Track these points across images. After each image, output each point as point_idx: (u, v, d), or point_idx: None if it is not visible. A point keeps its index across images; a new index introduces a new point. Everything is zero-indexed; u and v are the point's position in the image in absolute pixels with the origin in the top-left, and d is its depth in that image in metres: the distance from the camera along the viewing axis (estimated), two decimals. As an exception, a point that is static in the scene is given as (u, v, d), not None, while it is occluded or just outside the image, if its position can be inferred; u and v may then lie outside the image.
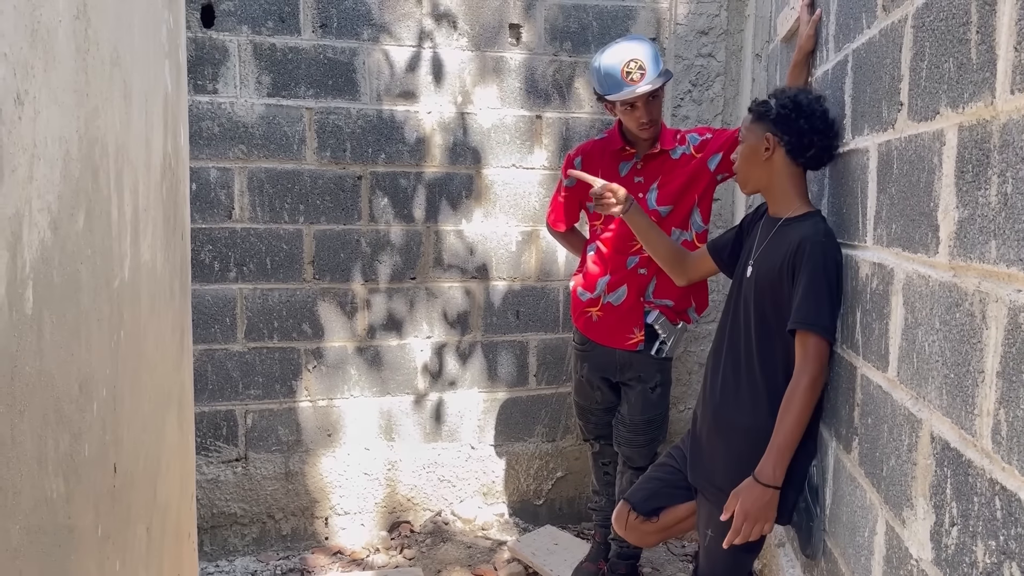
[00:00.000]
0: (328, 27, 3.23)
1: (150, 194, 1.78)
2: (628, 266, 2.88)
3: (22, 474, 1.04)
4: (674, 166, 2.84)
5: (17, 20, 1.01)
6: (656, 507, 2.31)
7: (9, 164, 0.98)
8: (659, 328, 2.87)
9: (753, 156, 2.11)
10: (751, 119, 2.12)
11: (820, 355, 1.95)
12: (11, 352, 0.99)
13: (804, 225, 2.03)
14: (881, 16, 1.70)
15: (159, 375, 1.87)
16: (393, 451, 3.47)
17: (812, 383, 1.95)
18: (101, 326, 1.37)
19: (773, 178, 2.11)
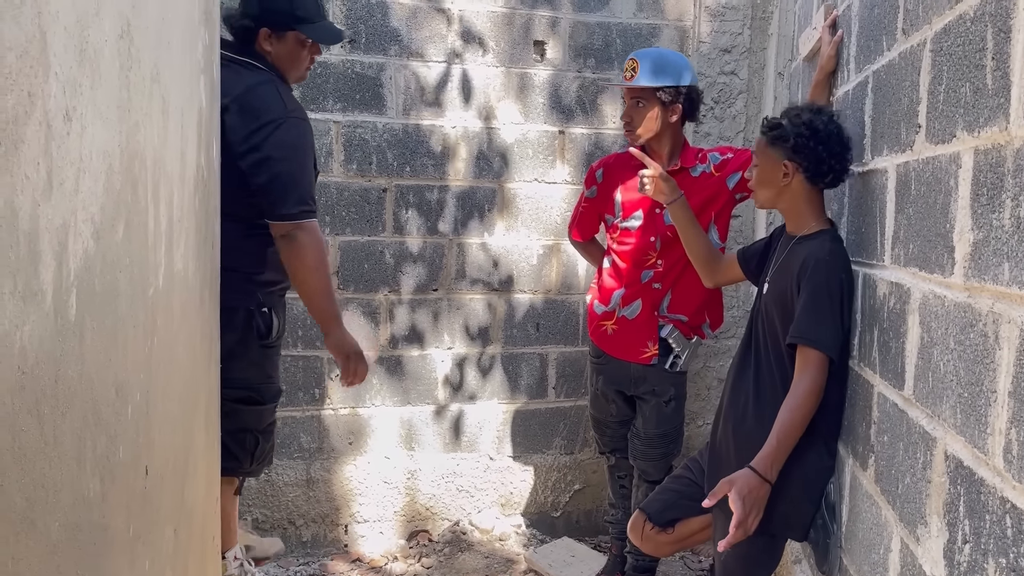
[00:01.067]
0: (356, 43, 3.30)
1: (184, 205, 1.83)
2: (643, 280, 2.91)
3: (63, 473, 1.08)
4: (693, 184, 2.86)
5: (67, 40, 1.06)
6: (672, 518, 2.33)
7: (58, 177, 1.03)
8: (673, 342, 2.90)
9: (771, 180, 2.13)
10: (766, 143, 2.12)
11: (818, 370, 1.97)
12: (56, 356, 1.04)
13: (813, 243, 2.07)
14: (901, 39, 1.72)
15: (189, 380, 1.92)
16: (413, 460, 3.51)
17: (808, 392, 1.97)
18: (137, 332, 1.43)
19: (790, 200, 2.14)
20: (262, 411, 2.57)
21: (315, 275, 2.45)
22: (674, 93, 2.80)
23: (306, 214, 2.41)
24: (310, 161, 2.47)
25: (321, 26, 2.53)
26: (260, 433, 2.56)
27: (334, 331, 2.54)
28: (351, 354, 2.57)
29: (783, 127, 2.08)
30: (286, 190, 2.39)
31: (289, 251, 2.43)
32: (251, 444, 2.55)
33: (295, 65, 2.55)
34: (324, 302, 2.50)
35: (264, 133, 2.39)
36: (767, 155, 2.13)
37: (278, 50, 2.50)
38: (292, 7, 2.47)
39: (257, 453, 2.58)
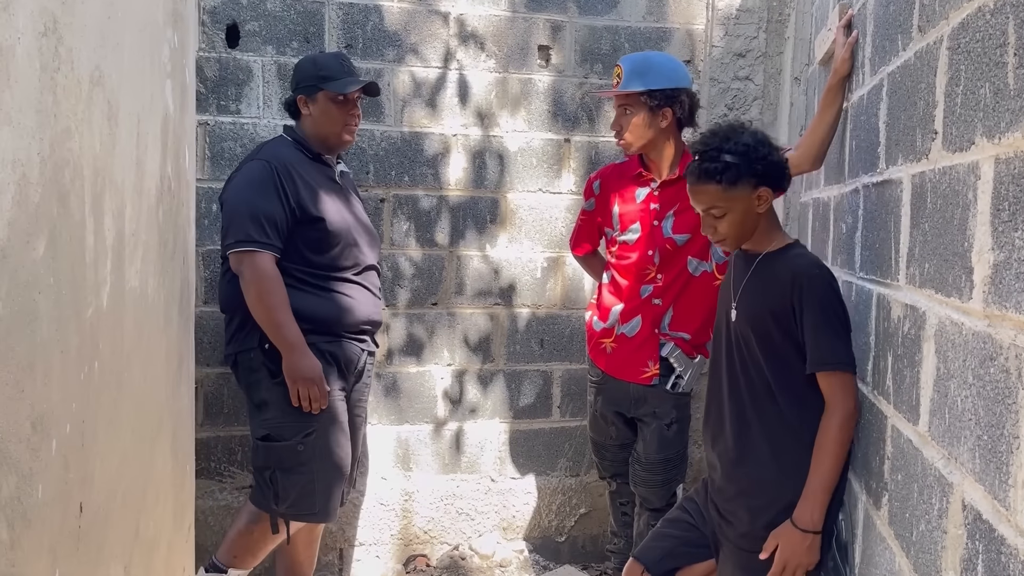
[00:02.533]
0: (353, 47, 3.18)
1: (140, 218, 1.72)
2: (642, 295, 2.77)
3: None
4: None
5: (-46, 36, 0.94)
6: (671, 567, 2.17)
7: (-63, 190, 0.91)
8: (675, 361, 2.75)
9: (748, 216, 1.96)
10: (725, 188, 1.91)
11: (849, 389, 1.86)
12: (-66, 392, 0.92)
13: (790, 259, 1.95)
14: (917, 37, 1.57)
15: (147, 405, 1.80)
16: (410, 481, 3.37)
17: (844, 421, 1.85)
18: (66, 358, 1.30)
19: (761, 222, 2.00)
20: (280, 448, 2.55)
21: (258, 307, 2.47)
22: (661, 96, 2.65)
23: (241, 244, 2.44)
24: (265, 198, 2.47)
25: (344, 80, 2.62)
26: (281, 471, 2.54)
27: (286, 358, 2.49)
28: (300, 380, 2.49)
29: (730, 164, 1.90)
30: (228, 225, 2.50)
31: (241, 286, 2.48)
32: (272, 482, 2.54)
33: (330, 123, 2.64)
34: (271, 332, 2.49)
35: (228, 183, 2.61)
36: (732, 199, 1.92)
37: (314, 112, 2.64)
38: (316, 69, 2.63)
39: (280, 492, 2.54)
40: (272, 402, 2.53)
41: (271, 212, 2.45)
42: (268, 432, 2.55)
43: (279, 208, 2.47)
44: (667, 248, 2.72)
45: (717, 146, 1.92)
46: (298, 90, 2.66)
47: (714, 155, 1.91)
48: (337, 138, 2.68)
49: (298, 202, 2.50)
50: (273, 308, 2.43)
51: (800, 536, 1.85)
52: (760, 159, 1.91)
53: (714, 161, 1.91)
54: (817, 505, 1.85)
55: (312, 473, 2.54)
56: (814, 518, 1.85)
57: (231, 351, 2.59)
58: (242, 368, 2.58)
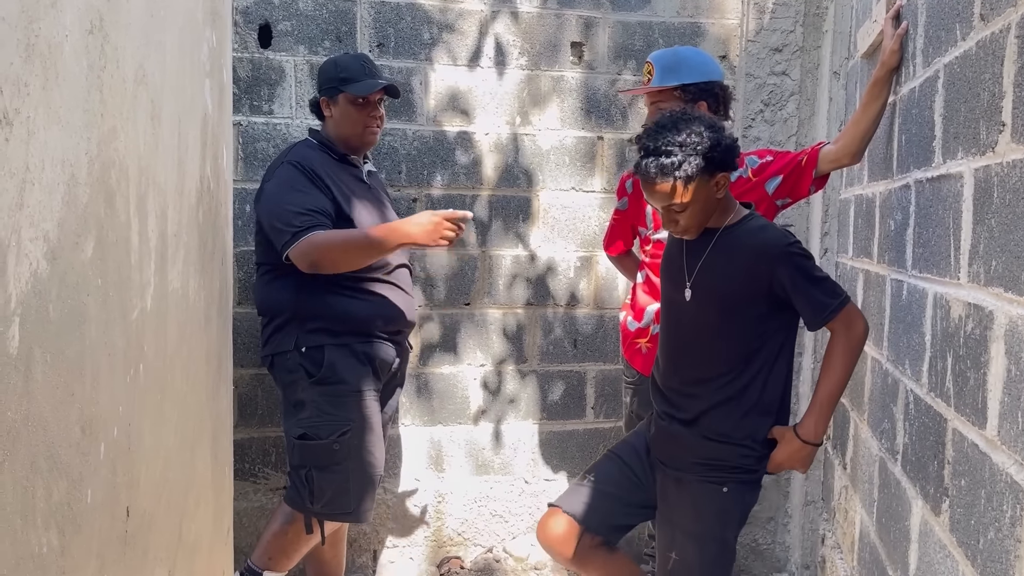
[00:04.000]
0: (385, 46, 3.16)
1: (182, 219, 1.70)
2: None
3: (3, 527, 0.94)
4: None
5: (7, 33, 0.92)
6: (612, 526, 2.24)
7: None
8: None
9: (708, 204, 2.01)
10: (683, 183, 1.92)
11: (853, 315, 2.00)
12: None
13: (751, 231, 2.04)
14: (979, 26, 1.51)
15: (189, 407, 1.78)
16: (443, 483, 3.35)
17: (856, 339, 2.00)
18: (113, 361, 1.29)
19: (718, 200, 2.04)
20: (316, 447, 2.54)
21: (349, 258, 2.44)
22: (695, 90, 2.61)
23: (296, 237, 2.39)
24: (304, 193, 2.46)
25: (363, 82, 2.60)
26: (317, 469, 2.54)
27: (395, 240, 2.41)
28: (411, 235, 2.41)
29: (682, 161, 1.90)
30: (276, 228, 2.44)
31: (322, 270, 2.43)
32: (308, 480, 2.54)
33: (351, 125, 2.64)
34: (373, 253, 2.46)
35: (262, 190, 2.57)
36: (692, 191, 1.94)
37: (335, 114, 2.64)
38: (337, 71, 2.62)
39: (315, 491, 2.53)
40: (308, 402, 2.52)
41: (313, 201, 2.43)
42: (304, 431, 2.54)
43: (320, 197, 2.46)
44: None
45: (668, 140, 1.90)
46: (321, 92, 2.66)
47: (667, 151, 1.89)
48: (359, 139, 2.67)
49: (332, 198, 2.48)
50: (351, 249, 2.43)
51: (800, 445, 2.01)
52: (713, 147, 1.91)
53: (668, 156, 1.89)
54: (822, 418, 2.00)
55: (347, 472, 2.52)
56: (817, 430, 2.00)
57: (268, 352, 2.58)
58: (279, 369, 2.56)
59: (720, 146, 1.93)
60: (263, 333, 2.62)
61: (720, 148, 1.93)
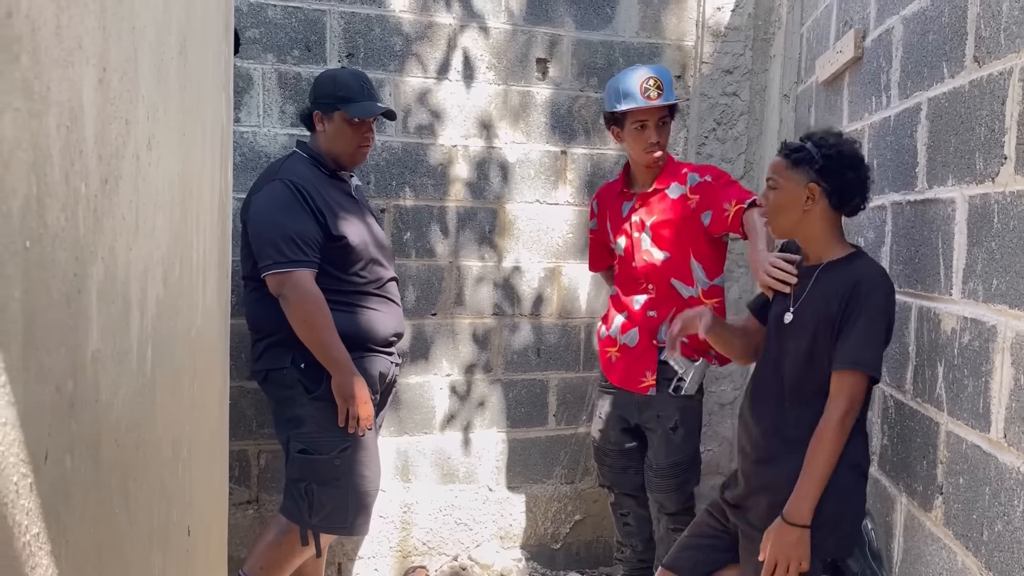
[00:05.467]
0: (355, 57, 3.16)
1: (211, 234, 1.69)
2: (636, 307, 2.84)
3: (138, 553, 0.94)
4: (669, 206, 2.79)
5: (151, 58, 0.93)
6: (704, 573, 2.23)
7: (143, 215, 0.90)
8: (675, 364, 2.71)
9: (791, 205, 1.99)
10: (788, 165, 1.99)
11: (858, 391, 1.87)
12: (137, 420, 0.90)
13: (856, 265, 1.94)
14: (972, 67, 1.67)
15: (212, 424, 1.77)
16: (409, 493, 3.36)
17: (844, 418, 1.86)
18: (185, 379, 1.28)
19: (812, 226, 1.99)
20: (316, 461, 2.54)
21: (304, 329, 2.46)
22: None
23: (279, 265, 2.43)
24: (293, 217, 2.47)
25: (362, 104, 2.60)
26: (318, 484, 2.54)
27: (336, 378, 2.51)
28: (350, 400, 2.51)
29: (807, 149, 1.96)
30: (260, 248, 2.47)
31: (283, 307, 2.46)
32: (308, 494, 2.53)
33: (344, 143, 2.64)
34: (320, 352, 2.49)
35: (251, 204, 2.55)
36: (788, 178, 1.98)
37: (328, 130, 2.63)
38: (335, 88, 2.61)
39: (315, 504, 2.53)
40: (308, 418, 2.51)
41: (302, 229, 2.43)
42: (305, 447, 2.53)
43: (310, 224, 2.45)
44: (647, 260, 2.80)
45: (822, 137, 1.97)
46: (315, 105, 2.64)
47: (808, 140, 1.98)
48: (349, 158, 2.68)
49: (323, 220, 2.48)
50: (320, 329, 2.42)
51: (788, 530, 1.87)
52: (832, 159, 1.92)
53: (805, 142, 1.98)
54: (808, 499, 1.86)
55: (347, 487, 2.52)
56: (803, 511, 1.86)
57: (262, 367, 2.55)
58: (274, 384, 2.54)
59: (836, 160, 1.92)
60: (255, 348, 2.60)
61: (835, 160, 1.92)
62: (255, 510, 3.19)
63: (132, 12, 0.82)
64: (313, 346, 2.45)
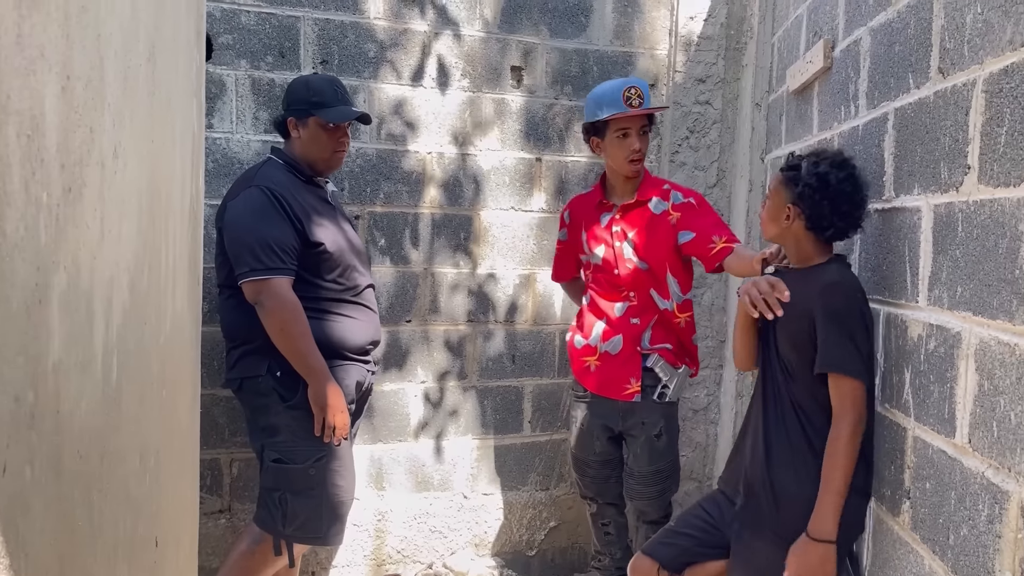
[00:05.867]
0: (329, 64, 3.15)
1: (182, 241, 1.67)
2: (618, 314, 2.82)
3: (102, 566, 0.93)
4: (651, 220, 2.80)
5: (117, 66, 0.92)
6: (685, 563, 2.24)
7: (108, 224, 0.89)
8: (660, 371, 2.78)
9: (774, 218, 2.08)
10: (781, 180, 2.06)
11: (856, 397, 1.88)
12: (102, 431, 0.89)
13: (826, 270, 1.99)
14: (936, 79, 1.70)
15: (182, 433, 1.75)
16: (383, 501, 3.34)
17: (853, 429, 1.87)
18: (154, 387, 1.27)
19: (793, 240, 2.07)
20: (290, 471, 2.52)
21: (281, 337, 2.44)
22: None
23: (256, 272, 2.41)
24: (270, 224, 2.45)
25: (336, 109, 2.60)
26: (292, 493, 2.52)
27: (311, 385, 2.49)
28: (327, 409, 2.49)
29: (799, 170, 2.02)
30: (237, 255, 2.45)
31: (259, 315, 2.44)
32: (282, 503, 2.52)
33: (319, 148, 2.63)
34: (297, 361, 2.47)
35: (227, 211, 2.53)
36: (778, 192, 2.07)
37: (303, 136, 2.62)
38: (309, 94, 2.60)
39: (288, 514, 2.51)
40: (283, 427, 2.49)
41: (279, 236, 2.41)
42: (280, 456, 2.51)
43: (286, 231, 2.43)
44: (628, 268, 2.79)
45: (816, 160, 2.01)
46: (289, 111, 2.63)
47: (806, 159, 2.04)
48: (325, 163, 2.67)
49: (300, 226, 2.47)
50: (297, 337, 2.40)
51: (814, 546, 1.86)
52: (810, 187, 1.96)
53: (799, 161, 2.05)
54: (830, 514, 1.85)
55: (321, 497, 2.50)
56: (827, 527, 1.85)
57: (236, 375, 2.53)
58: (249, 392, 2.52)
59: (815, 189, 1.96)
60: (230, 356, 2.57)
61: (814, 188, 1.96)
62: (227, 519, 3.16)
63: (98, 20, 0.82)
64: (289, 354, 2.43)
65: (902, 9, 1.89)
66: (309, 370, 2.45)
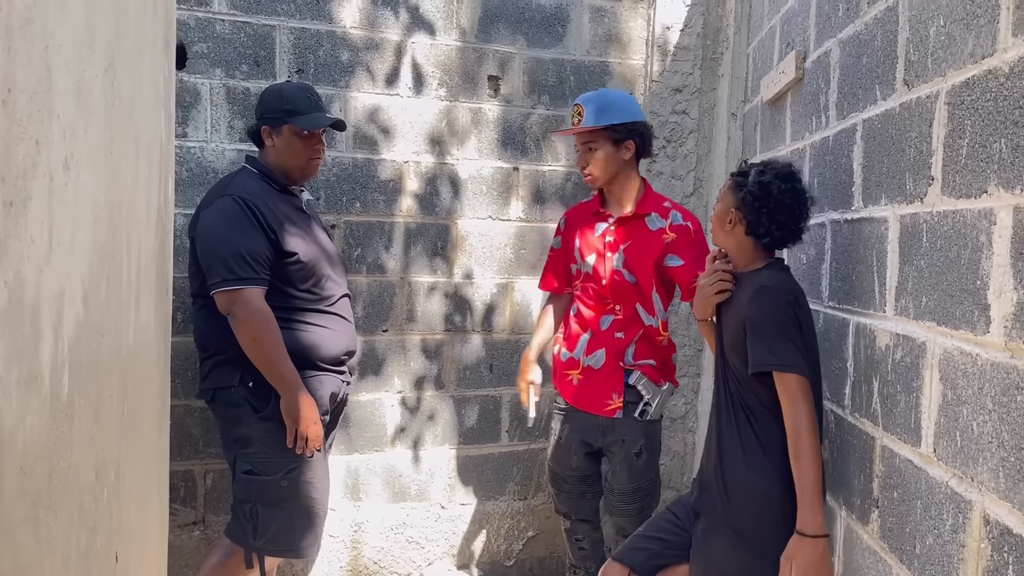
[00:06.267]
0: (304, 72, 3.15)
1: (147, 252, 1.66)
2: (603, 327, 2.79)
3: (51, 584, 0.92)
4: (645, 236, 2.77)
5: (68, 78, 0.91)
6: (656, 566, 2.24)
7: (57, 236, 0.88)
8: (642, 389, 2.74)
9: (719, 221, 2.17)
10: (730, 184, 2.15)
11: (803, 390, 1.92)
12: (50, 447, 0.88)
13: (758, 276, 2.06)
14: (902, 90, 1.71)
15: (147, 447, 1.73)
16: (360, 511, 3.32)
17: (809, 420, 1.91)
18: (112, 403, 1.26)
19: (734, 243, 2.14)
20: (262, 482, 2.50)
21: (253, 348, 2.43)
22: (623, 130, 2.73)
23: (227, 283, 2.40)
24: (242, 233, 2.43)
25: (310, 116, 2.59)
26: (263, 505, 2.50)
27: (284, 396, 2.47)
28: (299, 420, 2.48)
29: (745, 177, 2.10)
30: (209, 265, 2.44)
31: (231, 325, 2.43)
32: (253, 516, 2.50)
33: (294, 156, 2.62)
34: (268, 371, 2.45)
35: (200, 219, 2.51)
36: (725, 196, 2.15)
37: (278, 144, 2.61)
38: (282, 102, 2.59)
39: (260, 526, 2.49)
40: (255, 438, 2.47)
41: (251, 246, 2.40)
42: (251, 467, 2.49)
43: (259, 241, 2.42)
44: (616, 280, 2.76)
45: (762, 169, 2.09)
46: (263, 120, 2.61)
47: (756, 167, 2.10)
48: (300, 171, 2.65)
49: (273, 236, 2.46)
50: (269, 347, 2.38)
51: (807, 542, 1.86)
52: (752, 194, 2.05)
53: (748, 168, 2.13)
54: (814, 507, 1.87)
55: (293, 509, 2.48)
56: (816, 520, 1.87)
57: (209, 386, 2.51)
58: (221, 403, 2.50)
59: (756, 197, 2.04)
60: (203, 367, 2.55)
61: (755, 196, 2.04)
62: (201, 531, 3.13)
63: (45, 32, 0.81)
64: (261, 365, 2.42)
65: (869, 21, 1.91)
66: (281, 381, 2.43)
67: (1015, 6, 1.28)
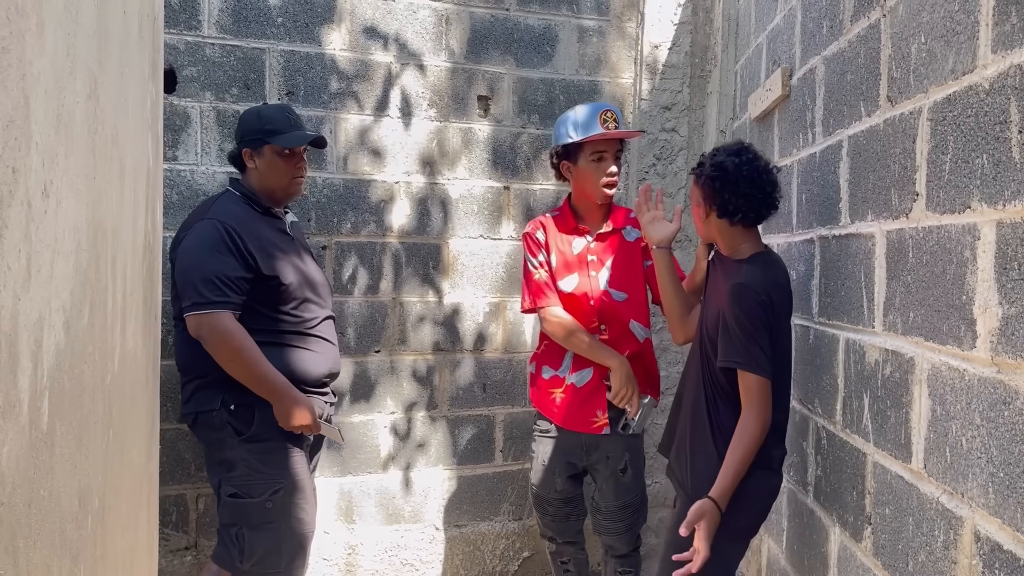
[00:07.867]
0: (295, 95, 3.16)
1: (134, 276, 1.66)
2: None
3: (31, 615, 0.90)
4: (627, 249, 2.79)
5: (47, 105, 0.91)
6: None
7: (36, 264, 0.88)
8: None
9: (697, 216, 2.23)
10: (692, 180, 2.22)
11: (761, 393, 1.99)
12: (30, 476, 0.87)
13: (740, 271, 2.08)
14: (885, 107, 1.72)
15: (135, 471, 1.72)
16: (354, 534, 3.30)
17: (757, 422, 1.99)
18: (96, 429, 1.25)
19: (717, 232, 2.18)
20: (247, 505, 2.49)
21: (233, 366, 2.42)
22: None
23: (197, 307, 2.39)
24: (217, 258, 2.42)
25: (291, 134, 2.60)
26: (249, 528, 2.49)
27: (277, 407, 2.47)
28: (297, 427, 2.50)
29: (701, 167, 2.17)
30: (182, 289, 2.44)
31: (206, 349, 2.42)
32: (239, 539, 2.49)
33: (277, 176, 2.61)
34: (255, 386, 2.45)
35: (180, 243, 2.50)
36: (694, 193, 2.22)
37: (260, 166, 2.60)
38: (262, 123, 2.59)
39: (246, 549, 2.48)
40: (238, 460, 2.46)
41: (225, 270, 2.39)
42: (236, 490, 2.47)
43: (233, 265, 2.40)
44: (604, 300, 2.74)
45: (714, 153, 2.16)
46: (243, 143, 2.61)
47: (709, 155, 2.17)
48: (284, 191, 2.65)
49: (252, 261, 2.45)
50: (250, 364, 2.37)
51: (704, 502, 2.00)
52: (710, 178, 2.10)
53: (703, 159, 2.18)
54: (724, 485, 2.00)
55: (279, 531, 2.47)
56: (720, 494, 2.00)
57: (191, 410, 2.50)
58: (204, 427, 2.49)
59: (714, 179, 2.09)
60: (184, 390, 2.54)
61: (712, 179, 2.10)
62: (193, 556, 3.10)
63: (22, 60, 0.81)
64: (247, 380, 2.40)
65: (853, 39, 1.92)
66: (270, 391, 2.42)
67: (994, 23, 1.29)
